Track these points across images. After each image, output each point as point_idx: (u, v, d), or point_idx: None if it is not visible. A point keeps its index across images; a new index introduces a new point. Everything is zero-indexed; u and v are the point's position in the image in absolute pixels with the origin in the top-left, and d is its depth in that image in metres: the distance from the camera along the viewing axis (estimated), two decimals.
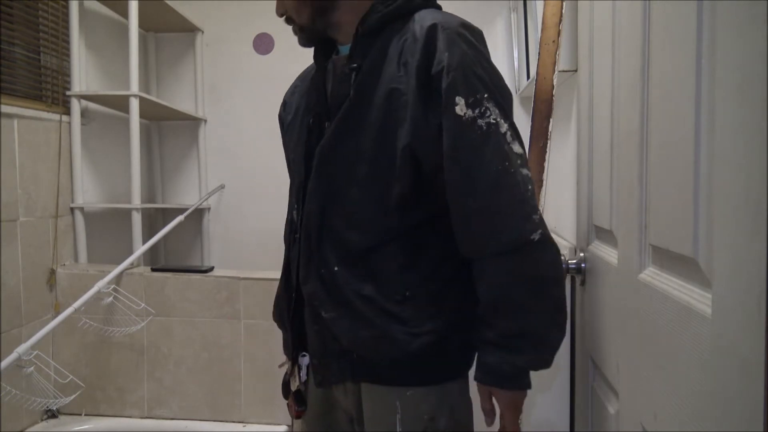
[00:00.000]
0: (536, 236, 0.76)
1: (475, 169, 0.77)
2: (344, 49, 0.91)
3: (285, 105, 1.04)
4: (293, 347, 0.94)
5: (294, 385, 0.95)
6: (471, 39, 0.81)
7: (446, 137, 0.78)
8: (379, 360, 0.83)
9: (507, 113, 0.81)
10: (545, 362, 0.81)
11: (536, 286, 0.78)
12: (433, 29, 0.79)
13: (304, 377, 0.94)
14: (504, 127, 0.78)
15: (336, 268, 0.83)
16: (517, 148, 0.79)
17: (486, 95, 0.78)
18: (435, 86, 0.78)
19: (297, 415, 0.95)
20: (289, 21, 0.92)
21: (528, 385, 0.81)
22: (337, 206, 0.84)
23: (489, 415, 0.83)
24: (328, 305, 0.85)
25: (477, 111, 0.77)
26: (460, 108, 0.77)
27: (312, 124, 0.90)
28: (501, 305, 0.78)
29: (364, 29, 0.85)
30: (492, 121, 0.77)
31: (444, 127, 0.78)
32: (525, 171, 0.78)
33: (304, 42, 0.93)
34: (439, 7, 0.89)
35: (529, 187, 0.78)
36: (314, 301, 0.87)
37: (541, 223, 0.77)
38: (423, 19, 0.82)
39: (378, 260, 0.82)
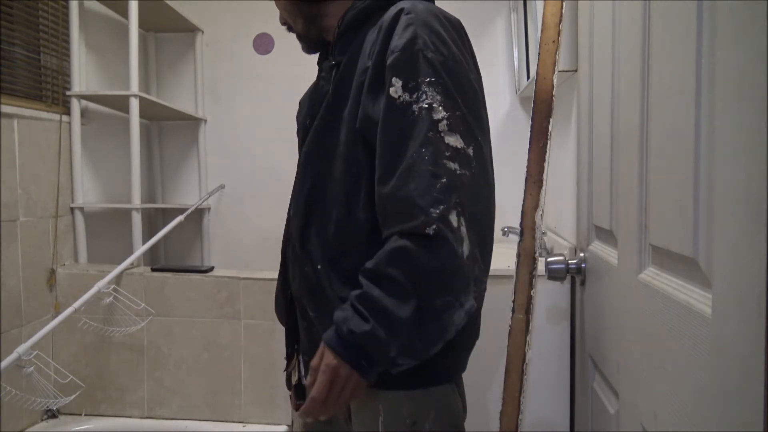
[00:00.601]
0: (430, 231, 0.70)
1: (394, 153, 0.74)
2: None
3: (300, 106, 1.05)
4: (289, 342, 0.95)
5: (294, 379, 0.96)
6: (434, 25, 0.76)
7: (380, 119, 0.75)
8: None
9: (457, 103, 0.74)
10: (385, 355, 0.71)
11: (419, 277, 0.71)
12: (397, 15, 0.77)
13: (303, 371, 0.95)
14: (440, 114, 0.72)
15: (319, 266, 0.83)
16: (452, 140, 0.73)
17: (429, 80, 0.73)
18: (386, 71, 0.76)
19: (296, 408, 0.96)
20: (290, 29, 0.94)
21: (361, 368, 0.72)
22: (319, 205, 0.84)
23: (312, 374, 0.75)
24: (311, 303, 0.85)
25: (414, 96, 0.73)
26: (395, 90, 0.74)
27: (307, 125, 0.91)
28: (377, 274, 0.73)
29: (342, 26, 0.86)
30: (425, 105, 0.72)
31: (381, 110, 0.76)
32: (451, 165, 0.72)
33: (306, 49, 0.95)
34: None
35: (444, 180, 0.71)
36: (301, 299, 0.87)
37: (441, 220, 0.70)
38: (395, 7, 0.80)
39: (357, 259, 0.79)
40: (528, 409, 1.43)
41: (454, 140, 0.73)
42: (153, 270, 1.87)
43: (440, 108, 0.73)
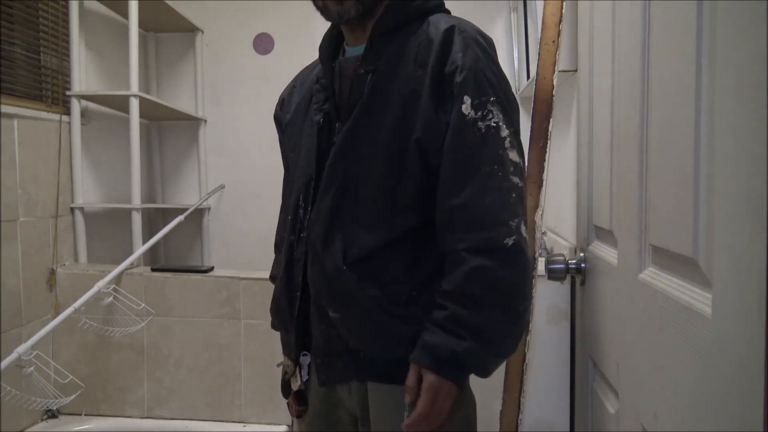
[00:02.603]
0: (509, 241, 0.77)
1: (466, 167, 0.79)
2: (351, 51, 0.92)
3: (283, 103, 1.04)
4: (296, 347, 0.94)
5: (295, 385, 0.95)
6: (484, 44, 0.83)
7: (448, 133, 0.81)
8: (386, 359, 0.83)
9: (511, 120, 0.82)
10: (483, 365, 0.80)
11: (500, 289, 0.78)
12: (450, 31, 0.82)
13: (305, 377, 0.94)
14: (505, 132, 0.80)
15: (344, 267, 0.84)
16: (514, 156, 0.80)
17: (492, 99, 0.80)
18: (447, 85, 0.81)
19: (298, 415, 0.95)
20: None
21: (459, 381, 0.80)
22: (349, 205, 0.85)
23: (410, 393, 0.80)
24: (334, 304, 0.85)
25: (480, 113, 0.79)
26: (466, 107, 0.79)
27: (322, 123, 0.90)
28: (460, 295, 0.78)
29: (380, 29, 0.86)
30: (493, 124, 0.79)
31: (450, 124, 0.81)
32: (516, 179, 0.79)
33: (355, 14, 0.85)
34: (449, 13, 0.92)
35: (514, 195, 0.79)
36: (321, 300, 0.87)
37: (518, 231, 0.78)
38: (438, 21, 0.85)
39: (386, 260, 0.83)
40: (528, 409, 1.43)
41: (514, 155, 0.80)
42: (153, 270, 1.87)
43: (503, 126, 0.80)
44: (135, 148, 1.97)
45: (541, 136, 1.03)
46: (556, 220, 1.76)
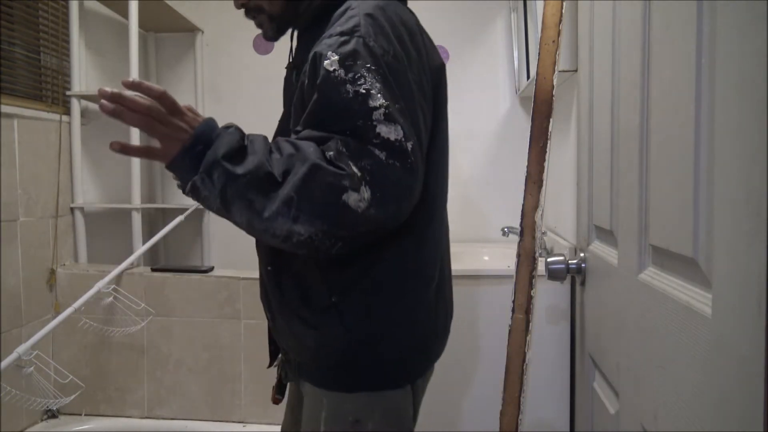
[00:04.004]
0: (330, 155, 0.66)
1: (319, 127, 0.69)
2: None
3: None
4: (270, 340, 0.96)
5: (277, 375, 0.97)
6: (379, 18, 0.72)
7: (314, 95, 0.70)
8: (307, 364, 0.83)
9: (394, 95, 0.69)
10: (212, 166, 0.65)
11: (304, 164, 0.65)
12: (344, 10, 0.75)
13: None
14: (378, 102, 0.67)
15: (269, 268, 0.83)
16: (385, 129, 0.67)
17: (369, 66, 0.68)
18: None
19: (274, 401, 0.97)
20: (252, 11, 0.86)
21: (189, 151, 0.66)
22: None
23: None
24: (265, 306, 0.87)
25: (350, 75, 0.68)
26: (330, 63, 0.68)
27: (279, 125, 0.90)
28: (291, 143, 0.68)
29: (299, 29, 0.86)
30: (362, 90, 0.67)
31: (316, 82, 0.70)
32: (377, 152, 0.67)
33: (275, 34, 0.87)
34: None
35: (366, 161, 0.66)
36: (262, 301, 0.89)
37: (344, 164, 0.66)
38: (350, 5, 0.76)
39: (306, 263, 0.78)
40: (528, 409, 1.43)
41: (389, 131, 0.68)
42: (153, 270, 1.87)
43: (379, 95, 0.68)
44: None
45: (541, 136, 1.03)
46: (556, 220, 1.76)
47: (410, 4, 0.93)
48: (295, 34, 0.91)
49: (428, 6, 2.23)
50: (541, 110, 1.03)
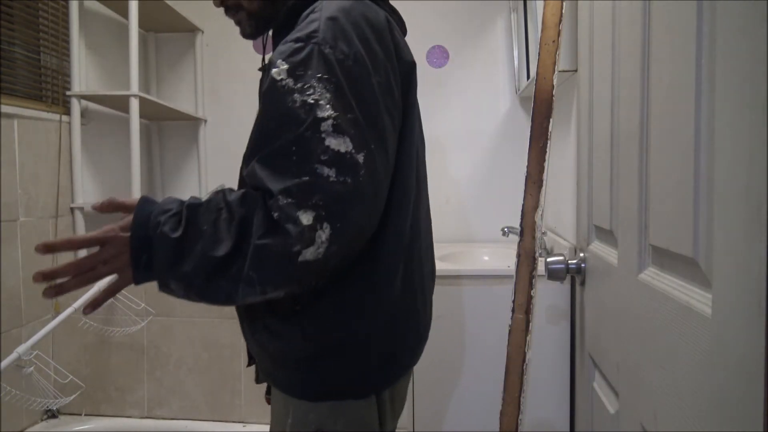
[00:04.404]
0: (275, 215, 0.63)
1: (265, 140, 0.67)
2: None
3: None
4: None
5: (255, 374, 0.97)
6: (341, 20, 0.69)
7: (260, 104, 0.69)
8: (272, 371, 0.82)
9: (347, 105, 0.66)
10: (162, 265, 0.65)
11: (246, 238, 0.64)
12: (309, 12, 0.72)
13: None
14: (326, 113, 0.64)
15: None
16: (334, 141, 0.64)
17: (321, 76, 0.65)
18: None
19: (267, 402, 0.97)
20: (233, 9, 0.84)
21: (136, 261, 0.66)
22: None
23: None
24: (237, 310, 0.86)
25: (299, 84, 0.65)
26: (278, 72, 0.66)
27: None
28: (227, 204, 0.66)
29: (273, 30, 0.84)
30: (310, 101, 0.64)
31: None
32: (324, 170, 0.63)
33: (253, 32, 0.85)
34: None
35: (306, 179, 0.63)
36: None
37: (287, 211, 0.63)
38: (317, 6, 0.73)
39: None
40: (528, 409, 1.43)
41: (338, 143, 0.65)
42: None
43: (328, 106, 0.65)
44: (135, 148, 1.97)
45: (541, 136, 1.03)
46: (556, 220, 1.76)
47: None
48: (270, 34, 0.88)
49: (428, 6, 2.23)
50: (541, 110, 1.03)
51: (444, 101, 2.24)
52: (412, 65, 0.82)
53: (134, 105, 1.94)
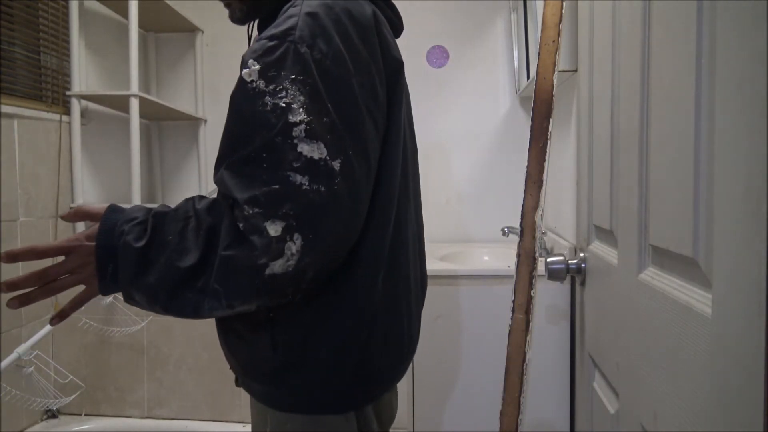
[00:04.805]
0: (240, 225, 0.61)
1: (234, 146, 0.63)
2: None
3: None
4: None
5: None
6: (321, 17, 0.65)
7: (229, 105, 0.66)
8: (243, 379, 0.79)
9: (323, 109, 0.63)
10: (127, 275, 0.63)
11: (213, 250, 0.62)
12: (290, 6, 0.68)
13: None
14: (299, 117, 0.61)
15: None
16: (307, 148, 0.61)
17: (295, 77, 0.62)
18: None
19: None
20: None
21: (102, 271, 0.64)
22: None
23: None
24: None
25: (270, 86, 0.62)
26: (249, 73, 0.63)
27: None
28: (196, 213, 0.65)
29: (258, 24, 0.82)
30: (282, 104, 0.61)
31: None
32: (296, 177, 0.60)
33: (242, 16, 0.81)
34: None
35: (276, 187, 0.60)
36: None
37: (253, 222, 0.60)
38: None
39: None
40: (528, 409, 1.43)
41: (311, 149, 0.61)
42: None
43: (301, 110, 0.61)
44: (135, 148, 1.97)
45: (541, 136, 1.03)
46: (556, 220, 1.76)
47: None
48: (256, 24, 0.85)
49: (428, 6, 2.23)
50: (541, 110, 1.03)
51: (444, 101, 2.24)
52: (400, 64, 0.77)
53: (134, 105, 1.94)
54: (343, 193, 0.63)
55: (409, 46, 2.17)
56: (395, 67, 0.76)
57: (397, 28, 0.88)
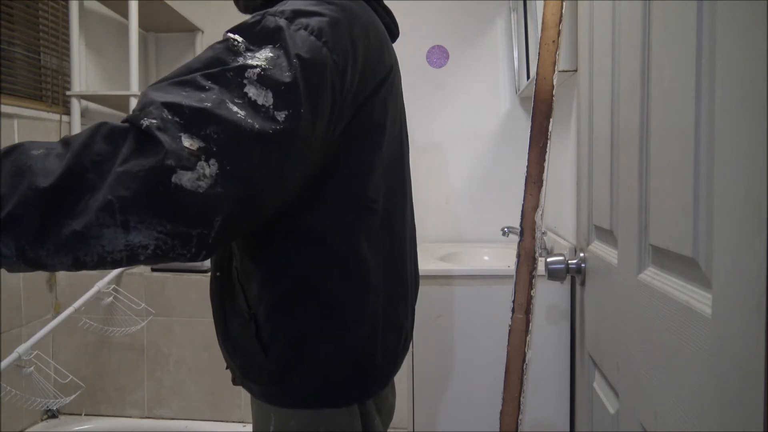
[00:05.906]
0: (145, 122, 0.51)
1: (180, 70, 0.57)
2: None
3: None
4: None
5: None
6: (311, 2, 0.64)
7: None
8: (242, 380, 0.79)
9: (291, 67, 0.58)
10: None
11: (94, 157, 0.50)
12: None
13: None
14: (258, 62, 0.57)
15: (218, 273, 0.79)
16: (254, 92, 0.55)
17: (273, 46, 0.59)
18: None
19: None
20: None
21: None
22: None
23: None
24: (212, 311, 0.83)
25: (249, 52, 0.58)
26: (232, 38, 0.59)
27: None
28: (88, 136, 0.52)
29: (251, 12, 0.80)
30: (248, 55, 0.57)
31: None
32: (235, 108, 0.53)
33: (248, 1, 0.81)
34: None
35: (208, 105, 0.52)
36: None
37: (164, 125, 0.51)
38: None
39: (244, 271, 0.73)
40: (528, 409, 1.43)
41: (258, 94, 0.55)
42: (153, 270, 1.87)
43: (262, 58, 0.57)
44: None
45: (541, 136, 1.03)
46: (556, 220, 1.76)
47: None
48: None
49: (428, 6, 2.23)
50: (541, 110, 1.03)
51: (444, 101, 2.23)
52: (389, 69, 0.75)
53: (134, 105, 1.94)
54: (278, 140, 0.56)
55: (409, 46, 2.17)
56: (383, 75, 0.73)
57: (394, 33, 0.88)
